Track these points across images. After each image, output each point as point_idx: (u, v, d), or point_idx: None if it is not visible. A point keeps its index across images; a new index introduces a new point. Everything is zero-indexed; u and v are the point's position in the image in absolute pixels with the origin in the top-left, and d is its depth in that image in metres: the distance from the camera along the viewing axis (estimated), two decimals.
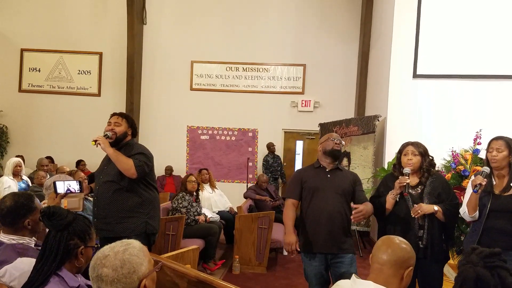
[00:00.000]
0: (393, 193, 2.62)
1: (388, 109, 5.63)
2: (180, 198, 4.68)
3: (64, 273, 1.52)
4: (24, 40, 8.49)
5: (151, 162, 2.87)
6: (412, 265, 1.57)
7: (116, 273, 1.24)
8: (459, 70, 5.36)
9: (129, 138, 2.89)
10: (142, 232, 2.76)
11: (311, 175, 2.79)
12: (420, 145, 2.70)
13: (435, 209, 2.49)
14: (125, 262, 1.27)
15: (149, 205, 2.83)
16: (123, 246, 1.31)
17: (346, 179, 2.75)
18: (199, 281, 1.97)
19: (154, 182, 2.96)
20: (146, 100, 8.47)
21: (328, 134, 2.91)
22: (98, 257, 1.28)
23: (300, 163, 8.46)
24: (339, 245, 2.62)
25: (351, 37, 8.13)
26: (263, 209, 5.65)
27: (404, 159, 2.69)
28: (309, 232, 2.68)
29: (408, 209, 2.58)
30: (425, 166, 2.65)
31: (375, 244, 1.65)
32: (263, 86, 8.36)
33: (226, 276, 4.51)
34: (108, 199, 2.76)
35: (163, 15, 8.40)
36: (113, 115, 2.91)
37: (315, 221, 2.66)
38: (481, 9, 5.28)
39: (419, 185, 2.64)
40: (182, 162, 8.42)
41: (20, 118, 8.50)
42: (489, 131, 3.75)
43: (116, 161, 2.69)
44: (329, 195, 2.67)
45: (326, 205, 2.64)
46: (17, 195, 1.97)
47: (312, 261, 2.66)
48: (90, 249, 1.62)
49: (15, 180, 4.80)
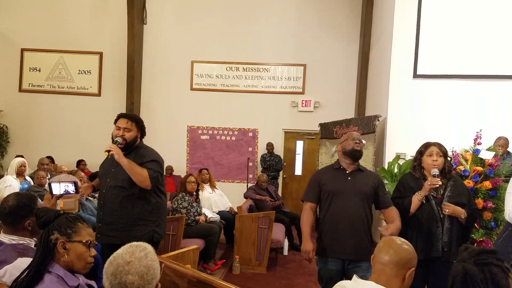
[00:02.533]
0: (421, 194, 2.52)
1: (388, 109, 5.63)
2: (180, 199, 4.67)
3: (61, 272, 1.51)
4: (24, 40, 8.49)
5: (163, 168, 2.79)
6: (414, 266, 1.57)
7: (142, 280, 1.24)
8: (459, 70, 5.36)
9: (138, 142, 2.77)
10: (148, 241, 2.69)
11: (330, 178, 2.66)
12: (442, 146, 2.64)
13: (462, 217, 2.46)
14: (149, 268, 1.27)
15: (157, 212, 2.75)
16: (143, 251, 1.30)
17: (368, 182, 2.61)
18: (199, 281, 1.98)
19: (163, 187, 2.85)
20: (146, 100, 8.47)
21: (348, 133, 2.76)
22: (119, 263, 1.26)
23: (300, 163, 8.46)
24: (359, 251, 2.51)
25: (352, 37, 8.13)
26: (263, 209, 5.65)
27: (428, 160, 2.60)
28: (328, 237, 2.57)
29: (432, 211, 2.52)
30: (447, 167, 2.60)
31: (377, 245, 1.65)
32: (263, 86, 8.36)
33: (226, 276, 4.52)
34: (116, 205, 2.65)
35: (164, 15, 8.40)
36: (121, 117, 2.74)
37: (334, 226, 2.55)
38: (481, 9, 5.28)
39: (440, 187, 2.56)
40: (182, 162, 8.42)
41: (21, 118, 8.50)
42: (489, 131, 3.76)
43: (132, 173, 2.57)
44: (349, 199, 2.55)
45: (346, 210, 2.53)
46: (20, 196, 1.97)
47: (329, 266, 2.56)
48: (79, 244, 1.56)
49: (17, 180, 4.80)
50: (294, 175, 8.46)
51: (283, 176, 8.34)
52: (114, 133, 2.70)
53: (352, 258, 2.52)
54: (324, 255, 2.58)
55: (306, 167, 8.33)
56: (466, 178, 3.47)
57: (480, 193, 3.22)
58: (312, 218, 2.66)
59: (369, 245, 2.55)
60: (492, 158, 3.30)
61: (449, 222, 2.51)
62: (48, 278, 1.48)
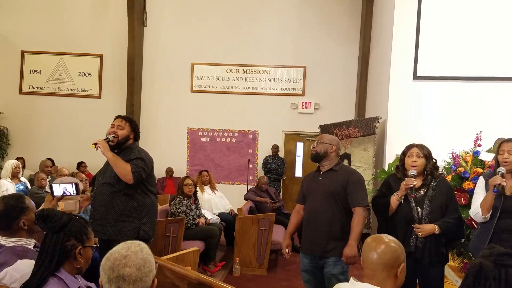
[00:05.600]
0: (398, 194, 2.60)
1: (388, 111, 5.63)
2: (178, 203, 4.63)
3: (63, 275, 1.52)
4: (24, 42, 8.51)
5: (150, 167, 2.85)
6: (403, 261, 1.56)
7: (140, 272, 1.27)
8: (460, 71, 5.36)
9: (130, 142, 2.88)
10: (134, 237, 2.73)
11: (308, 180, 2.87)
12: (424, 147, 2.68)
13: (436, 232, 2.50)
14: (146, 261, 1.30)
15: (143, 211, 2.81)
16: (138, 246, 1.34)
17: (336, 181, 2.69)
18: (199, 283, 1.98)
19: (152, 186, 2.93)
20: (146, 102, 8.48)
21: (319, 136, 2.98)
22: (116, 257, 1.29)
23: (300, 165, 8.46)
24: (322, 248, 2.66)
25: (352, 39, 8.15)
26: (264, 211, 5.65)
27: (408, 161, 2.66)
28: (302, 235, 2.83)
29: (410, 211, 2.57)
30: (429, 168, 2.63)
31: (362, 248, 1.62)
32: (264, 88, 8.37)
33: (226, 278, 4.51)
34: (103, 201, 2.77)
35: (164, 17, 8.42)
36: (117, 118, 2.90)
37: (305, 224, 2.78)
38: (481, 11, 5.28)
39: (422, 187, 2.62)
40: (182, 163, 8.43)
41: (21, 120, 8.51)
42: (489, 133, 3.76)
43: (114, 166, 2.70)
44: (316, 198, 2.73)
45: (313, 209, 2.72)
46: (6, 198, 1.97)
47: (302, 260, 2.81)
48: (89, 249, 1.62)
49: (13, 183, 4.80)
50: (295, 177, 8.46)
51: (283, 178, 8.33)
52: (108, 131, 2.84)
53: (317, 254, 2.70)
54: (300, 250, 2.88)
55: (307, 169, 8.32)
56: (466, 180, 3.47)
57: None
58: (296, 219, 2.91)
59: (335, 242, 2.65)
60: (492, 160, 3.29)
61: (428, 222, 2.53)
62: (51, 281, 1.49)
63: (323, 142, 2.77)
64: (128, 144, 2.86)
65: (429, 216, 2.54)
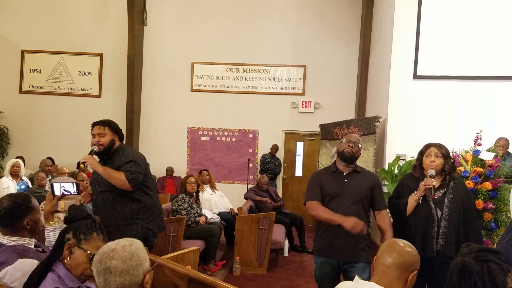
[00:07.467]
0: (416, 195, 2.54)
1: (388, 110, 5.64)
2: (180, 200, 4.67)
3: (63, 272, 1.51)
4: (24, 41, 8.51)
5: (143, 167, 2.81)
6: (416, 269, 1.57)
7: (125, 265, 1.27)
8: (460, 71, 5.37)
9: (117, 144, 2.86)
10: (142, 238, 2.73)
11: (328, 180, 2.67)
12: (443, 147, 2.63)
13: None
14: (133, 254, 1.30)
15: (148, 210, 2.82)
16: (128, 241, 1.35)
17: (364, 183, 2.61)
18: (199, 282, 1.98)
19: (151, 184, 2.91)
20: (146, 101, 8.47)
21: (348, 134, 2.77)
22: (104, 251, 1.30)
23: (300, 164, 8.46)
24: (353, 253, 2.54)
25: (352, 38, 8.14)
26: (264, 210, 5.65)
27: (426, 160, 2.60)
28: (324, 238, 2.62)
29: (429, 212, 2.52)
30: (447, 168, 2.58)
31: (380, 247, 1.65)
32: (264, 87, 8.36)
33: (226, 277, 4.51)
34: (106, 208, 2.76)
35: (164, 17, 8.41)
36: (94, 125, 2.86)
37: (330, 227, 2.56)
38: (481, 10, 5.28)
39: (440, 188, 2.57)
40: (182, 163, 8.43)
41: (21, 119, 8.51)
42: (489, 132, 3.76)
43: (108, 178, 2.68)
44: (345, 201, 2.57)
45: (342, 213, 2.52)
46: (13, 196, 1.97)
47: (324, 265, 2.61)
48: (83, 252, 1.53)
49: (14, 181, 4.81)
50: (295, 176, 8.46)
51: (283, 177, 8.34)
52: (91, 141, 2.82)
53: (346, 259, 2.56)
54: (320, 254, 2.63)
55: (307, 168, 8.32)
56: (466, 179, 3.47)
57: (480, 194, 3.21)
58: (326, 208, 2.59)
59: (365, 247, 2.58)
60: (493, 159, 3.29)
61: (447, 223, 2.49)
62: (50, 276, 1.49)
63: (356, 143, 2.65)
64: (117, 147, 2.84)
65: (448, 218, 2.49)
